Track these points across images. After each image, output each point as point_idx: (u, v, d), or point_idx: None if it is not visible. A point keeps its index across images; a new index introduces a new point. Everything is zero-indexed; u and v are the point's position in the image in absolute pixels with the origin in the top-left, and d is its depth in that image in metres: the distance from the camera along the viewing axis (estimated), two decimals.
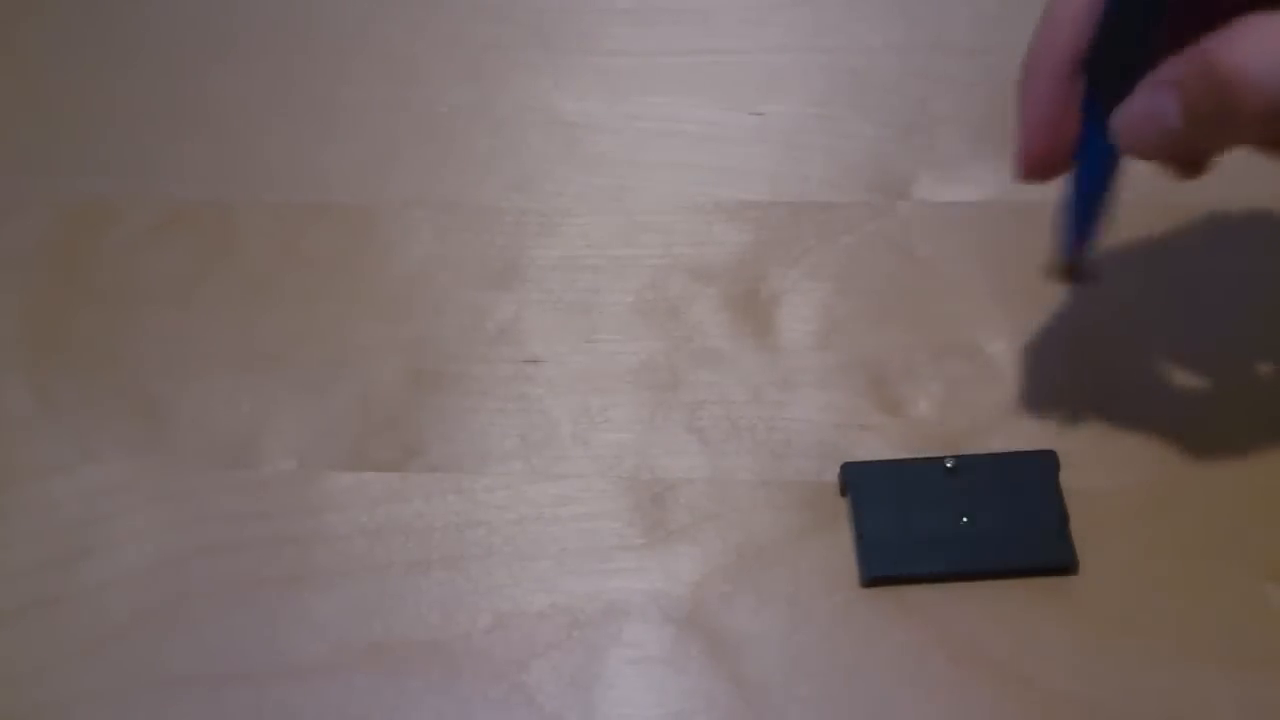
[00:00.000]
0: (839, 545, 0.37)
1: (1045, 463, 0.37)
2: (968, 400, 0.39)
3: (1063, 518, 0.36)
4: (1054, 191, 0.33)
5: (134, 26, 0.50)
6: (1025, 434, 0.38)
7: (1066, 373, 0.40)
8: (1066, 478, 0.37)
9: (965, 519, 0.36)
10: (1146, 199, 0.38)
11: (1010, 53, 0.33)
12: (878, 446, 0.39)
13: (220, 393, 0.41)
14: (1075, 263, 0.35)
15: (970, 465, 0.37)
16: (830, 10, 0.48)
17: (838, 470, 0.38)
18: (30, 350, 0.43)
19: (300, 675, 0.36)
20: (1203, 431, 0.38)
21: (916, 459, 0.38)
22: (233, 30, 0.50)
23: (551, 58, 0.48)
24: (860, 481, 0.37)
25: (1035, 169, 0.31)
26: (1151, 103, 0.28)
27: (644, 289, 0.42)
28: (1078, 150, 0.31)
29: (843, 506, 0.38)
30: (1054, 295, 0.40)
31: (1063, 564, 0.36)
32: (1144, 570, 0.36)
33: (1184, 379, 0.39)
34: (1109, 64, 0.30)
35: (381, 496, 0.39)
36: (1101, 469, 0.37)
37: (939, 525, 0.36)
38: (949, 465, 0.37)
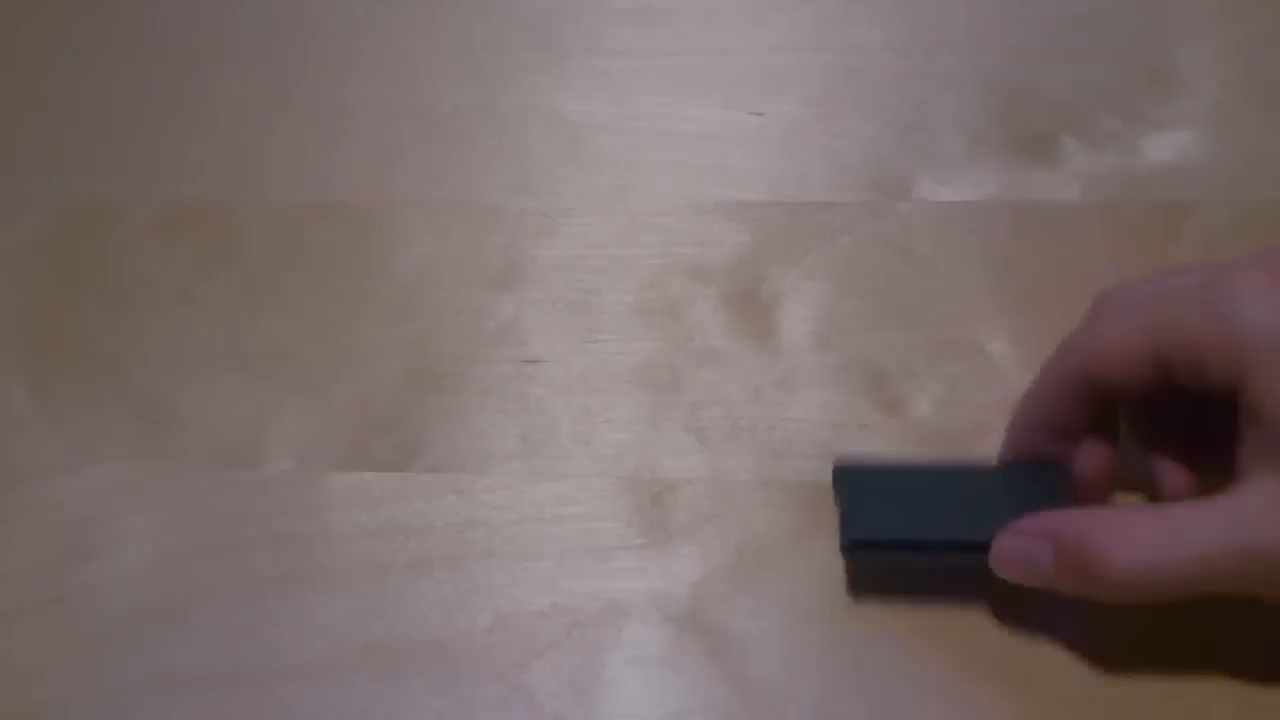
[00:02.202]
0: (839, 545, 0.37)
1: (1055, 478, 0.35)
2: (968, 400, 0.39)
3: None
4: (1055, 192, 0.33)
5: (136, 26, 0.50)
6: None
7: None
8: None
9: (955, 500, 0.35)
10: (1145, 201, 0.38)
11: (1010, 53, 0.33)
12: (877, 446, 0.39)
13: (221, 393, 0.41)
14: None
15: (970, 474, 0.36)
16: (830, 10, 0.48)
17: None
18: (30, 350, 0.43)
19: (300, 675, 0.36)
20: None
21: (911, 464, 0.36)
22: (234, 30, 0.50)
23: (552, 58, 0.48)
24: (849, 480, 0.36)
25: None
26: (1029, 548, 0.32)
27: (644, 289, 0.42)
28: None
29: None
30: (1054, 295, 0.40)
31: None
32: None
33: None
34: None
35: (381, 496, 0.39)
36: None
37: (929, 526, 0.34)
38: (945, 471, 0.36)
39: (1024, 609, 0.35)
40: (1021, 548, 0.32)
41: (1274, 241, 0.41)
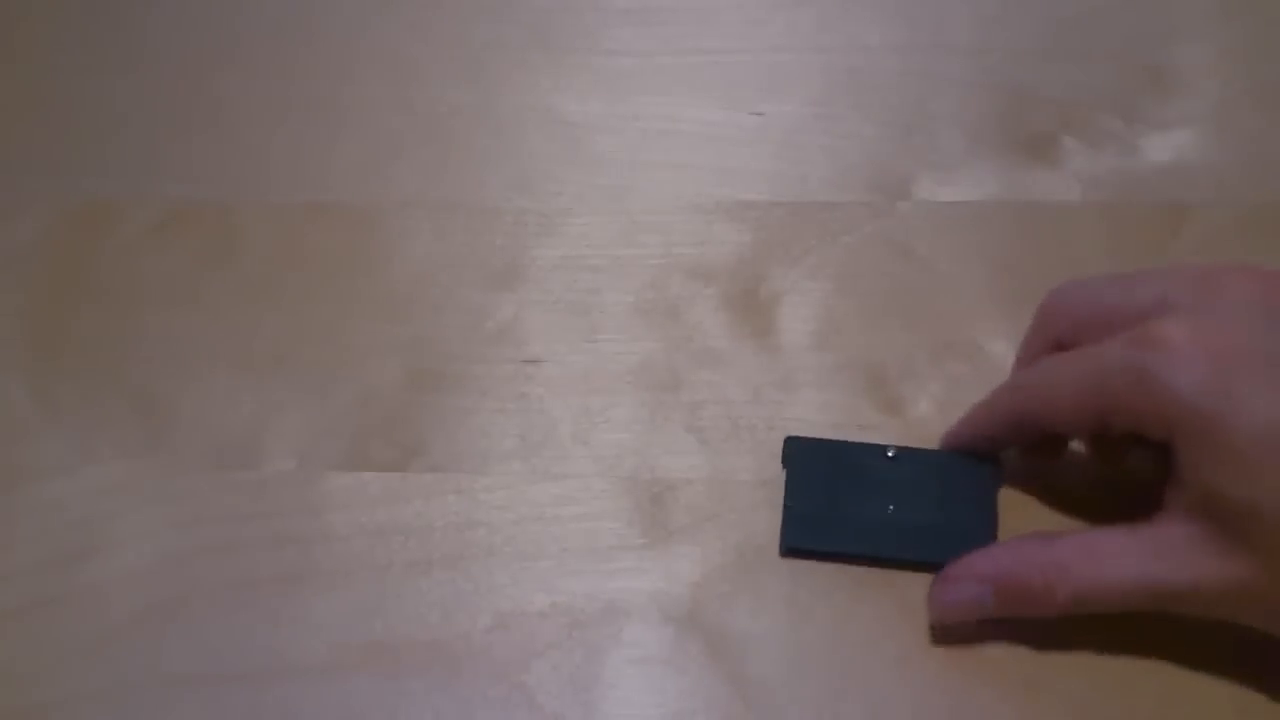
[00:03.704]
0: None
1: (989, 470, 0.37)
2: (967, 400, 0.39)
3: (992, 524, 0.36)
4: (1056, 192, 0.33)
5: (135, 26, 0.50)
6: None
7: None
8: (1052, 478, 0.37)
9: (892, 507, 0.36)
10: (1145, 201, 0.38)
11: (1010, 53, 0.33)
12: None
13: (220, 393, 0.41)
14: None
15: (912, 458, 0.37)
16: (830, 10, 0.48)
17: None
18: (30, 350, 0.43)
19: (300, 675, 0.36)
20: None
21: (861, 443, 0.38)
22: (234, 30, 0.50)
23: (552, 58, 0.48)
24: (799, 455, 0.38)
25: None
26: (973, 594, 0.34)
27: (644, 289, 0.42)
28: None
29: None
30: None
31: None
32: None
33: None
34: None
35: (381, 496, 0.39)
36: (1086, 471, 0.37)
37: (865, 508, 0.37)
38: (890, 454, 0.37)
39: None
40: (965, 596, 0.35)
41: (1274, 242, 0.41)
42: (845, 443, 0.38)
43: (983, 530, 0.36)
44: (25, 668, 0.37)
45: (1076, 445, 0.37)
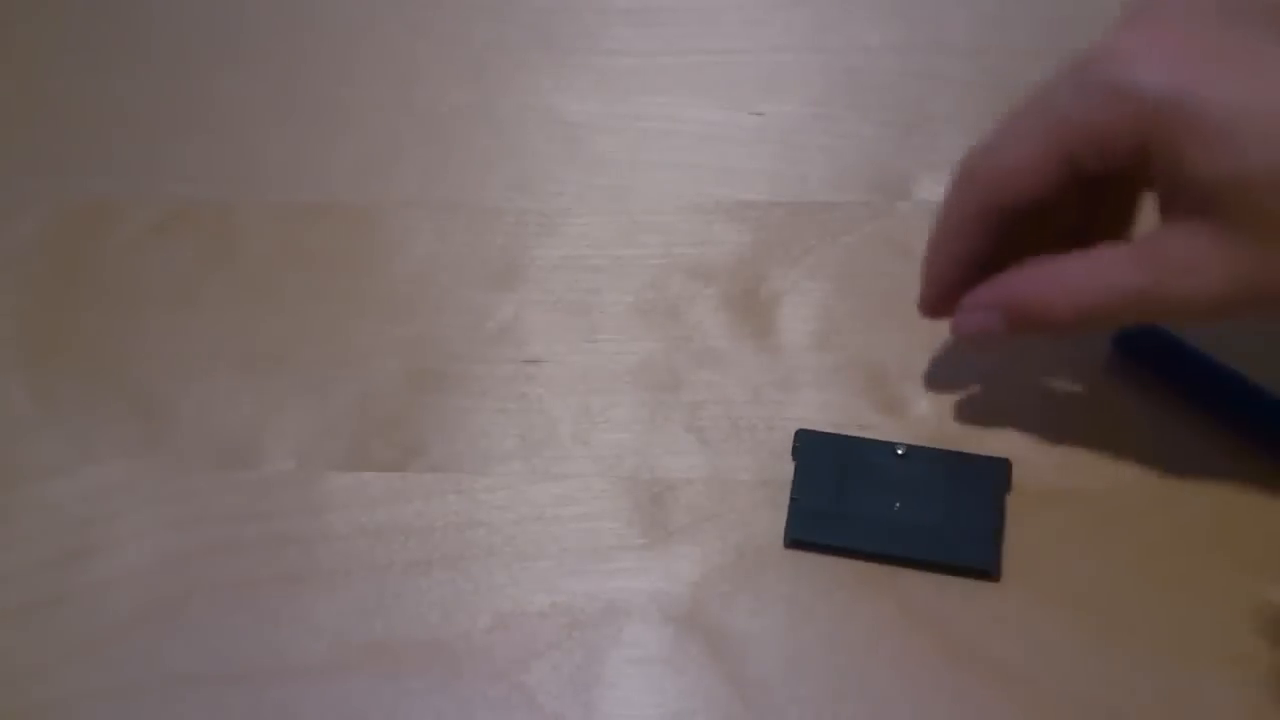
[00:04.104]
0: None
1: (996, 468, 0.37)
2: (967, 401, 0.39)
3: (997, 523, 0.36)
4: None
5: (136, 27, 0.50)
6: (1024, 436, 0.38)
7: None
8: (1056, 478, 0.37)
9: (898, 505, 0.37)
10: (1144, 201, 0.38)
11: (1009, 53, 0.33)
12: None
13: (220, 393, 0.41)
14: None
15: (921, 456, 0.37)
16: (830, 10, 0.48)
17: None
18: (30, 350, 0.43)
19: (300, 675, 0.36)
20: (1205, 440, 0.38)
21: (872, 439, 0.38)
22: (234, 30, 0.50)
23: (552, 58, 0.48)
24: (809, 448, 0.38)
25: (933, 313, 0.37)
26: (984, 320, 0.34)
27: (644, 289, 0.42)
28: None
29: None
30: None
31: (983, 568, 0.36)
32: (1140, 571, 0.36)
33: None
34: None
35: (381, 496, 0.39)
36: (1093, 471, 0.37)
37: (871, 505, 0.37)
38: (900, 452, 0.37)
39: (1024, 609, 0.35)
40: (978, 321, 0.35)
41: None
42: (856, 438, 0.38)
43: (988, 531, 0.36)
44: (25, 668, 0.37)
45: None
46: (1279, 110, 0.29)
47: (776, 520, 0.37)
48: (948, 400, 0.39)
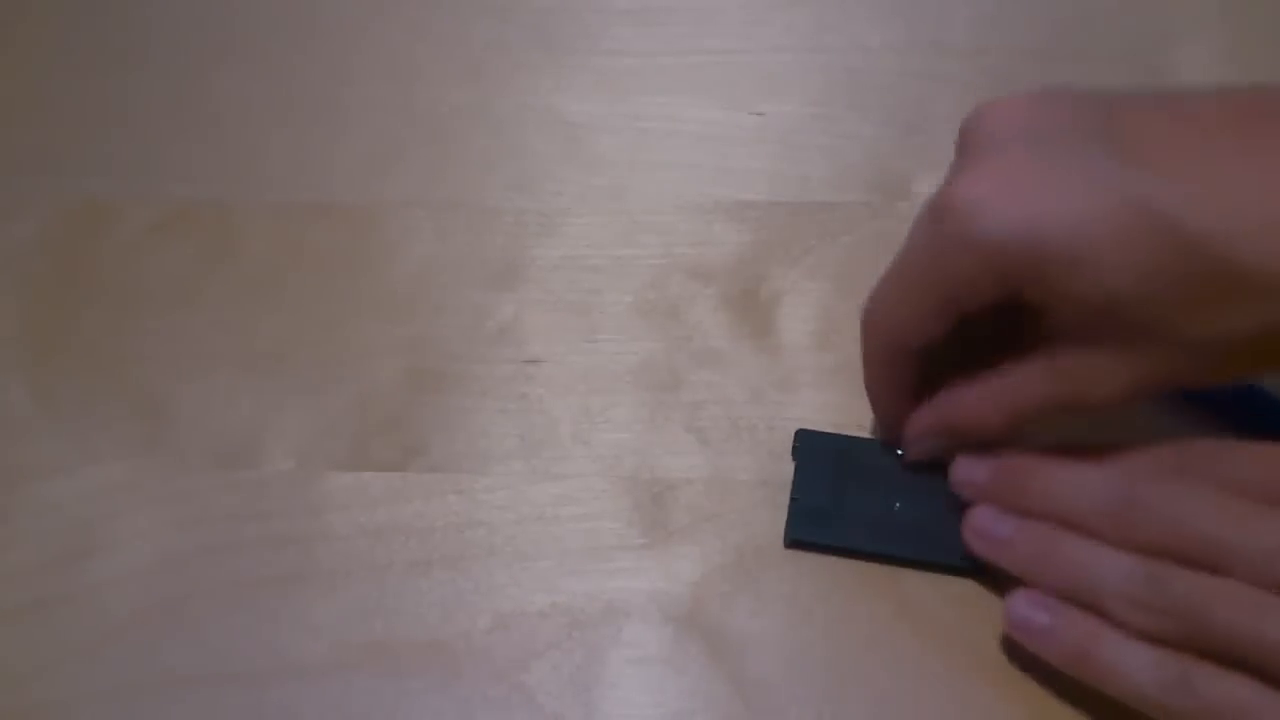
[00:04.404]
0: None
1: None
2: None
3: None
4: None
5: (135, 26, 0.50)
6: (1023, 435, 0.38)
7: None
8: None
9: (898, 505, 0.37)
10: None
11: (1009, 53, 0.33)
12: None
13: (220, 393, 0.41)
14: None
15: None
16: (830, 10, 0.48)
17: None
18: (30, 350, 0.43)
19: (300, 675, 0.36)
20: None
21: (872, 439, 0.38)
22: (234, 30, 0.50)
23: (552, 58, 0.48)
24: (809, 448, 0.38)
25: (895, 441, 0.38)
26: (931, 446, 0.36)
27: (644, 289, 0.42)
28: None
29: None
30: None
31: (982, 569, 0.36)
32: None
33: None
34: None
35: (381, 496, 0.39)
36: None
37: (871, 505, 0.37)
38: (900, 451, 0.37)
39: None
40: (927, 449, 0.36)
41: None
42: (856, 438, 0.38)
43: None
44: (25, 668, 0.37)
45: None
46: (1124, 227, 0.30)
47: (776, 520, 0.37)
48: None
